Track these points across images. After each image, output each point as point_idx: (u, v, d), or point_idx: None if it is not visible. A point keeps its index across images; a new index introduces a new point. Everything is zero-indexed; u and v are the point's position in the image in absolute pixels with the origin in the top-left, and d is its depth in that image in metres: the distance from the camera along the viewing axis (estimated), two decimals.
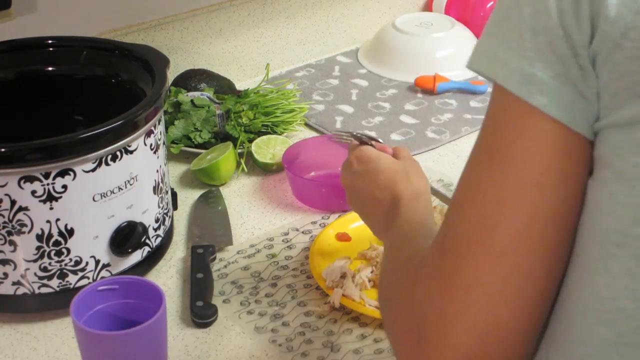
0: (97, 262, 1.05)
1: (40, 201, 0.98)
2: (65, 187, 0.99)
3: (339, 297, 1.06)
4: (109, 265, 1.06)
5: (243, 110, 1.40)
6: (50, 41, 1.20)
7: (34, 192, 0.97)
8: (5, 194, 0.97)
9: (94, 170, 1.00)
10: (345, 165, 1.04)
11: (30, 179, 0.97)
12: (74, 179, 0.99)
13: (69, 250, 1.02)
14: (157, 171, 1.10)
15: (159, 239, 1.12)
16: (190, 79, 1.48)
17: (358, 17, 1.78)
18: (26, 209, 0.98)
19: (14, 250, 1.01)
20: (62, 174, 0.98)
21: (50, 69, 1.20)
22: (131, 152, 1.03)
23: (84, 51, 1.20)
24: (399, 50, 1.68)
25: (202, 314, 1.05)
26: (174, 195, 1.20)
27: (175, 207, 1.21)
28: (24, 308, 1.05)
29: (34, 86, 1.20)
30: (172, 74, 1.49)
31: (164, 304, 0.90)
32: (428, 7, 1.87)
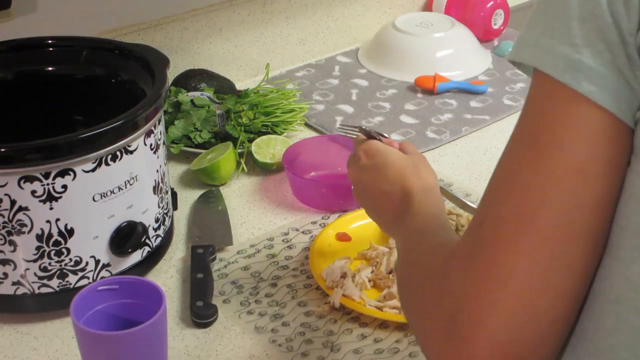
0: (97, 262, 1.05)
1: (40, 201, 0.98)
2: (65, 187, 0.99)
3: (339, 297, 1.06)
4: (109, 265, 1.06)
5: (243, 110, 1.40)
6: (50, 41, 1.20)
7: (34, 192, 0.97)
8: (5, 194, 0.97)
9: (94, 170, 1.00)
10: (352, 160, 1.03)
11: (30, 179, 0.97)
12: (74, 179, 0.99)
13: (69, 250, 1.02)
14: (157, 171, 1.10)
15: (159, 239, 1.12)
16: (190, 79, 1.48)
17: (358, 17, 1.78)
18: (26, 209, 0.98)
19: (14, 250, 1.01)
20: (62, 174, 0.98)
21: (50, 69, 1.20)
22: (131, 152, 1.03)
23: (84, 51, 1.20)
24: (399, 50, 1.68)
25: (202, 314, 1.05)
26: (174, 195, 1.20)
27: (175, 207, 1.21)
28: (24, 308, 1.05)
29: (34, 86, 1.20)
30: (172, 74, 1.49)
31: (164, 304, 0.90)
32: (428, 7, 1.87)
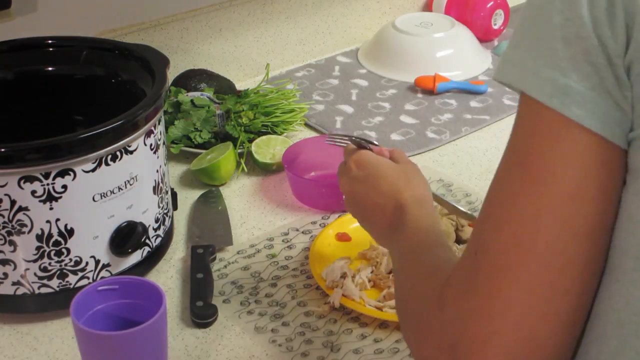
0: (97, 262, 1.05)
1: (40, 201, 0.98)
2: (65, 187, 0.99)
3: (339, 297, 1.06)
4: (109, 265, 1.06)
5: (243, 110, 1.40)
6: (50, 41, 1.20)
7: (34, 192, 0.97)
8: (5, 194, 0.97)
9: (94, 170, 1.00)
10: (343, 170, 1.02)
11: (30, 179, 0.97)
12: (74, 179, 0.99)
13: (69, 250, 1.02)
14: (157, 171, 1.10)
15: (159, 239, 1.12)
16: (190, 79, 1.48)
17: (358, 17, 1.78)
18: (26, 209, 0.98)
19: (14, 250, 1.01)
20: (62, 174, 0.98)
21: (50, 69, 1.20)
22: (131, 152, 1.03)
23: (84, 51, 1.20)
24: (399, 50, 1.68)
25: (202, 314, 1.05)
26: (174, 195, 1.20)
27: (175, 207, 1.21)
28: (24, 308, 1.05)
29: (34, 86, 1.20)
30: (172, 74, 1.49)
31: (164, 304, 0.90)
32: (428, 7, 1.87)
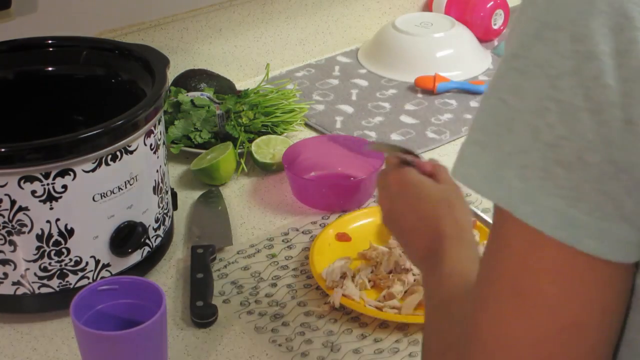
0: (97, 262, 1.05)
1: (40, 201, 0.98)
2: (65, 187, 0.99)
3: (339, 297, 1.06)
4: (109, 265, 1.06)
5: (243, 110, 1.40)
6: (50, 41, 1.20)
7: (34, 192, 0.97)
8: (5, 194, 0.97)
9: (94, 170, 1.00)
10: (383, 184, 0.95)
11: (30, 179, 0.97)
12: (74, 179, 0.99)
13: (69, 250, 1.02)
14: (157, 171, 1.10)
15: (159, 239, 1.12)
16: (190, 79, 1.48)
17: (358, 17, 1.78)
18: (26, 209, 0.98)
19: (14, 250, 1.00)
20: (62, 174, 0.98)
21: (50, 69, 1.20)
22: (131, 152, 1.03)
23: (84, 51, 1.20)
24: (399, 50, 1.68)
25: (202, 314, 1.05)
26: (174, 195, 1.20)
27: (175, 207, 1.21)
28: (24, 308, 1.05)
29: (34, 86, 1.20)
30: (172, 74, 1.49)
31: (164, 304, 0.90)
32: (428, 7, 1.87)
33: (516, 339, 0.59)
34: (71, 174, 0.98)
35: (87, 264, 1.04)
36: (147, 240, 1.09)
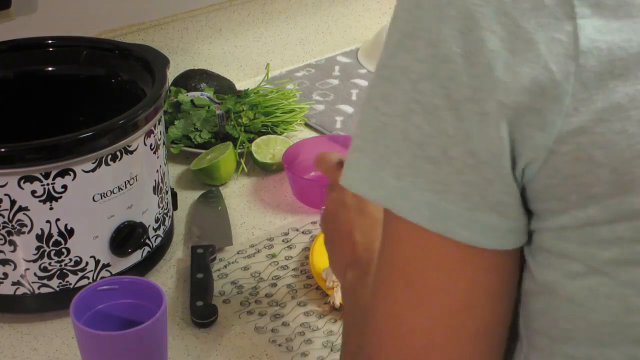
0: (97, 262, 1.05)
1: (40, 201, 0.98)
2: (65, 187, 0.99)
3: (339, 297, 1.06)
4: (109, 265, 1.06)
5: (243, 110, 1.40)
6: (50, 41, 1.20)
7: (34, 192, 0.97)
8: (5, 194, 0.97)
9: (94, 170, 1.00)
10: (338, 187, 0.92)
11: (30, 179, 0.97)
12: (74, 179, 0.99)
13: (69, 250, 1.02)
14: (157, 171, 1.10)
15: (159, 239, 1.12)
16: (190, 79, 1.48)
17: (358, 17, 1.78)
18: (26, 209, 0.98)
19: (14, 250, 1.00)
20: (62, 174, 0.98)
21: (50, 69, 1.20)
22: (131, 152, 1.03)
23: (84, 51, 1.20)
24: None
25: (202, 314, 1.05)
26: (174, 195, 1.20)
27: (175, 207, 1.21)
28: (24, 308, 1.05)
29: (34, 86, 1.20)
30: (172, 74, 1.49)
31: (164, 304, 0.90)
32: None
33: (411, 327, 0.63)
34: (71, 174, 0.98)
35: (87, 264, 1.04)
36: (147, 240, 1.09)
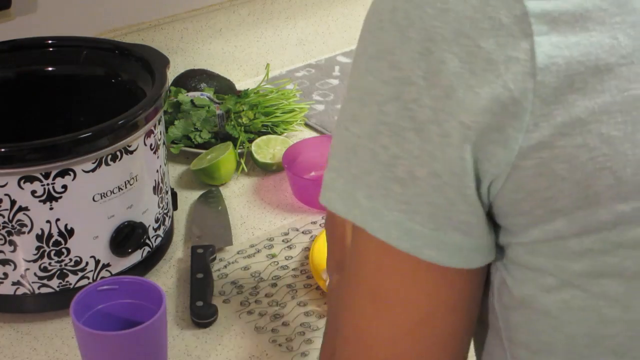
0: (97, 262, 1.05)
1: (40, 201, 0.98)
2: (65, 187, 0.99)
3: None
4: (109, 265, 1.06)
5: (243, 110, 1.40)
6: (50, 41, 1.20)
7: (34, 192, 0.97)
8: (5, 194, 0.97)
9: (94, 170, 1.00)
10: None
11: (30, 179, 0.97)
12: (74, 179, 0.99)
13: (69, 250, 1.02)
14: (157, 171, 1.10)
15: (159, 239, 1.12)
16: (190, 79, 1.48)
17: (358, 17, 1.78)
18: (26, 209, 0.98)
19: (14, 250, 1.01)
20: (62, 174, 0.98)
21: (50, 69, 1.20)
22: (131, 152, 1.03)
23: (84, 51, 1.20)
24: None
25: (202, 314, 1.05)
26: (174, 195, 1.20)
27: (175, 207, 1.21)
28: (24, 308, 1.05)
29: (34, 86, 1.20)
30: (172, 74, 1.49)
31: (164, 304, 0.90)
32: None
33: (375, 337, 0.65)
34: (71, 174, 0.98)
35: (87, 264, 1.04)
36: (147, 240, 1.09)
